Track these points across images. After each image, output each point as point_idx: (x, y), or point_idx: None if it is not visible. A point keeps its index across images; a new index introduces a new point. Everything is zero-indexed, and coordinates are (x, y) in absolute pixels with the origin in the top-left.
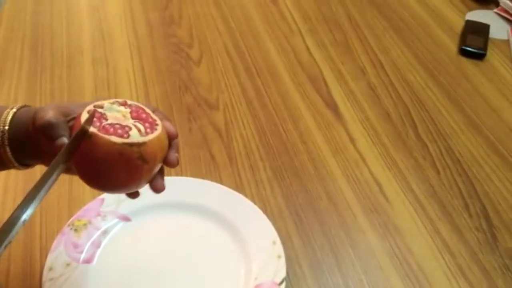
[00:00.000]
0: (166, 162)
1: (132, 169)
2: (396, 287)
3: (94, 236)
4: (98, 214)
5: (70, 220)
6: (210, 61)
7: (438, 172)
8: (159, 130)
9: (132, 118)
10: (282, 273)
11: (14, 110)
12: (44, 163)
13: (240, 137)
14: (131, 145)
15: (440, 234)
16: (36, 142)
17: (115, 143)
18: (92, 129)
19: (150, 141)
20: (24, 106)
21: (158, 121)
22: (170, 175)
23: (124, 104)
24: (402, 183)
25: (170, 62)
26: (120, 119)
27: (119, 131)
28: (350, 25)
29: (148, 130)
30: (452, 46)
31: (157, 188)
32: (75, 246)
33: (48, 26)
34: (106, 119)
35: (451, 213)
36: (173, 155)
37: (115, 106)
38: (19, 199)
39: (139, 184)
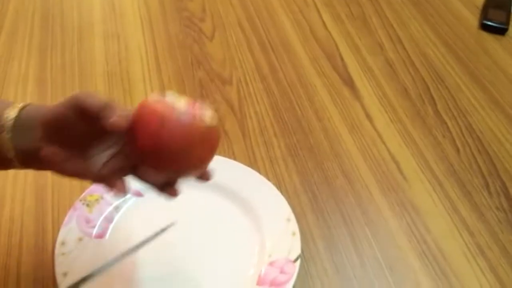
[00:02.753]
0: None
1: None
2: (413, 266)
3: (107, 211)
4: None
5: (82, 195)
6: (223, 35)
7: (458, 150)
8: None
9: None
10: (297, 250)
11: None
12: (34, 167)
13: (254, 113)
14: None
15: (459, 212)
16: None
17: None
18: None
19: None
20: (28, 104)
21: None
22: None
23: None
24: (420, 161)
25: (182, 36)
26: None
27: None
28: None
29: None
30: (473, 20)
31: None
32: (87, 221)
33: (59, 0)
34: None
35: (470, 191)
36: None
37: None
38: (31, 172)
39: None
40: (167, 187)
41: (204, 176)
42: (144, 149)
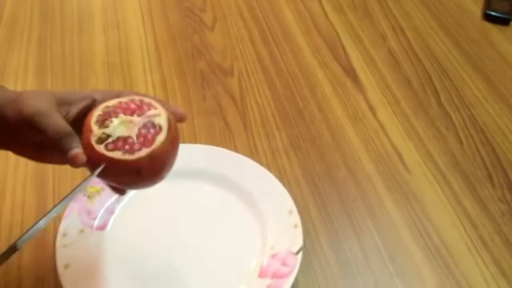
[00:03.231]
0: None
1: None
2: (416, 258)
3: (108, 203)
4: None
5: None
6: (224, 26)
7: (461, 142)
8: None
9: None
10: (299, 243)
11: None
12: (12, 150)
13: (255, 104)
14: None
15: (462, 205)
16: (12, 129)
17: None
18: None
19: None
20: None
21: (161, 117)
22: (183, 142)
23: (124, 108)
24: (423, 153)
25: (182, 27)
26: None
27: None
28: None
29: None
30: (476, 10)
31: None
32: (89, 212)
33: None
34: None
35: (474, 184)
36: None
37: (119, 125)
38: (30, 178)
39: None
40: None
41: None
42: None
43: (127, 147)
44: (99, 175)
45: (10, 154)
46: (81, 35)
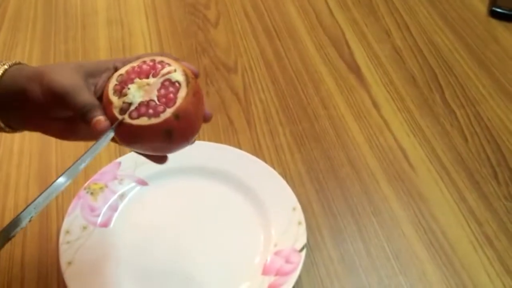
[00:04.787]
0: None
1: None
2: (420, 255)
3: (111, 200)
4: (115, 178)
5: (87, 183)
6: (228, 22)
7: (466, 139)
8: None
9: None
10: (303, 240)
11: (6, 67)
12: (41, 128)
13: (259, 101)
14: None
15: (467, 202)
16: (39, 106)
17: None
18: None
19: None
20: (18, 63)
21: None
22: None
23: (137, 72)
24: (427, 150)
25: (186, 23)
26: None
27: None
28: None
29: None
30: (482, 6)
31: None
32: (92, 209)
33: None
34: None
35: (478, 181)
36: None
37: (137, 91)
38: (34, 163)
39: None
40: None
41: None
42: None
43: (151, 111)
44: (133, 146)
45: (13, 152)
46: (84, 31)
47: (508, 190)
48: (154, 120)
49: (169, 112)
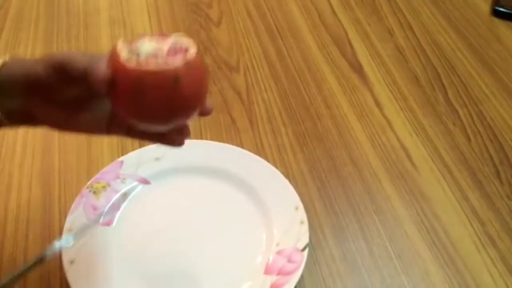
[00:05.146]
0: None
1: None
2: (423, 255)
3: (114, 199)
4: (117, 177)
5: (89, 182)
6: (230, 21)
7: (469, 139)
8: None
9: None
10: (305, 239)
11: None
12: (44, 119)
13: (261, 100)
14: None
15: (470, 201)
16: (44, 86)
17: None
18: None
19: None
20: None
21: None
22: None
23: (148, 35)
24: (430, 150)
25: (188, 22)
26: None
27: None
28: None
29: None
30: (485, 6)
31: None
32: (94, 208)
33: None
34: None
35: (481, 180)
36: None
37: (148, 44)
38: (37, 162)
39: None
40: (168, 135)
41: (203, 112)
42: (129, 116)
43: (160, 60)
44: (134, 107)
45: (16, 151)
46: (87, 30)
47: (510, 190)
48: (163, 66)
49: (179, 59)
